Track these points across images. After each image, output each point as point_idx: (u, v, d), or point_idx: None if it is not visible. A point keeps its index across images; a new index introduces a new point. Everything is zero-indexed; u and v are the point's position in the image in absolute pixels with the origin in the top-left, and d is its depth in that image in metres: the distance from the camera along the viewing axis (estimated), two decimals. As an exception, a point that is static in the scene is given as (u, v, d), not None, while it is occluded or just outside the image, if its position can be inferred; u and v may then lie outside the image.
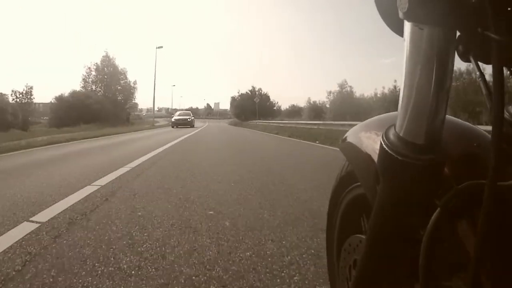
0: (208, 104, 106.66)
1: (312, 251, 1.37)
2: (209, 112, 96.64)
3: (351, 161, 0.54)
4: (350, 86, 28.86)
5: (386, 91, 24.39)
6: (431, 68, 0.30)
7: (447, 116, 0.35)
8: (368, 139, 0.49)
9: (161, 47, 32.76)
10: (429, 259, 0.34)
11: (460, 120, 0.46)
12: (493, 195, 0.27)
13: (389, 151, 0.33)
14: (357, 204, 0.58)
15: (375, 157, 0.41)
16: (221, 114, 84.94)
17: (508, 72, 0.31)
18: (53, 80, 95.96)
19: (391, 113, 0.52)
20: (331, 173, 0.83)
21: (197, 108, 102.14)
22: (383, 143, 0.34)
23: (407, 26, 0.31)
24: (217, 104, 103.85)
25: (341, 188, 0.62)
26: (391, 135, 0.34)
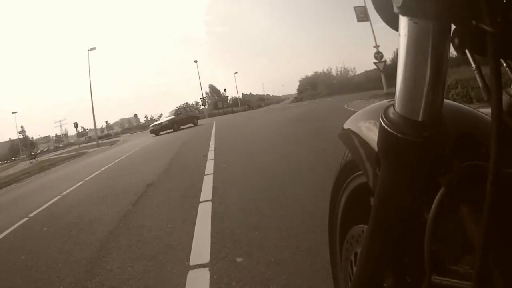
0: (212, 86, 58.54)
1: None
2: (221, 99, 49.84)
3: (351, 149, 0.53)
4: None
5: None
6: (426, 62, 0.30)
7: (446, 100, 0.34)
8: (368, 125, 0.49)
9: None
10: (434, 243, 0.33)
11: (459, 104, 0.46)
12: (496, 180, 0.27)
13: (389, 129, 0.32)
14: (359, 194, 0.57)
15: (375, 144, 0.41)
16: (244, 103, 51.46)
17: (504, 64, 0.31)
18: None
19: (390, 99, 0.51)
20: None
21: (196, 103, 52.59)
22: (382, 122, 0.33)
23: (402, 20, 0.31)
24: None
25: (343, 178, 0.61)
26: (391, 113, 0.33)
